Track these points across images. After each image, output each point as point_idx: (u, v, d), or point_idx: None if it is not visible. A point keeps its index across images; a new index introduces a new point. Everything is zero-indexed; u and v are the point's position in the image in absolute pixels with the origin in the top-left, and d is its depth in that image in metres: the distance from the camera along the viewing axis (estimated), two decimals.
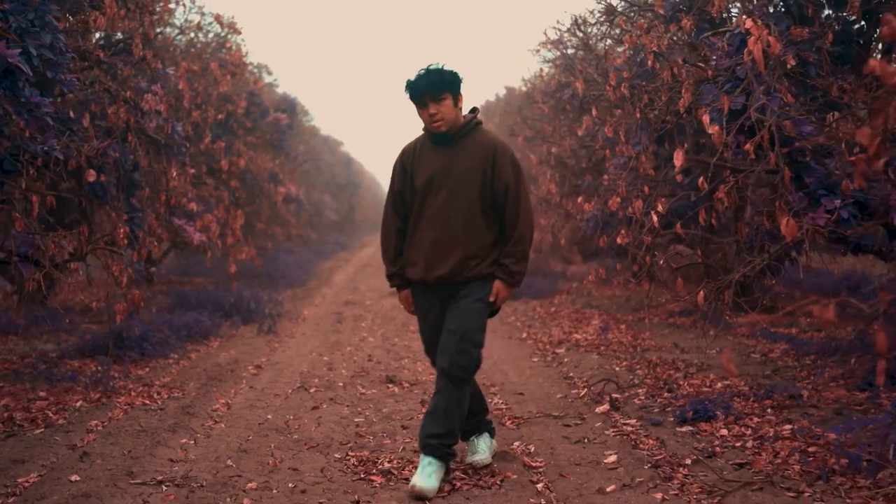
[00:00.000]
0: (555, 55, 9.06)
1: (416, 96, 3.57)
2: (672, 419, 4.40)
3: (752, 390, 4.83)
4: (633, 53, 6.01)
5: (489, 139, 3.67)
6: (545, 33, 9.94)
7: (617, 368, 5.80)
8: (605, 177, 6.94)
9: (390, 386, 5.56)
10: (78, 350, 6.15)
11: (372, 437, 4.32)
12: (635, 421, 4.44)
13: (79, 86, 5.05)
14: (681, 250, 8.36)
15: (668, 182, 6.05)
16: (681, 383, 5.23)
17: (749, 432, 4.06)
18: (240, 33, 9.59)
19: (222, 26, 9.36)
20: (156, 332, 6.50)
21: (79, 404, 4.77)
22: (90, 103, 5.81)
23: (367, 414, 4.82)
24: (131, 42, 5.99)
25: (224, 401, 5.06)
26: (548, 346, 6.99)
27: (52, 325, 6.66)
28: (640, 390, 5.09)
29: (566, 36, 8.29)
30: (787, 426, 4.08)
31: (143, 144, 6.11)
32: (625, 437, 4.18)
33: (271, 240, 13.85)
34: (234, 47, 9.76)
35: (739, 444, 3.90)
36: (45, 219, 5.45)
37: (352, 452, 4.03)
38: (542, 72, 10.88)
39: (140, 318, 6.81)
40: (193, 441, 4.19)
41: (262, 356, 6.64)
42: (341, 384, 5.63)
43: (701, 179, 4.94)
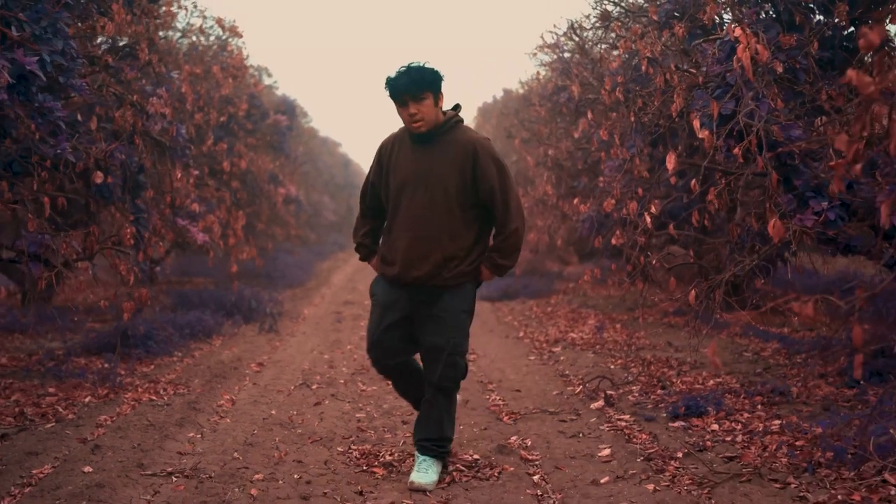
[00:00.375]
0: (551, 59, 9.15)
1: (396, 95, 3.45)
2: (665, 415, 4.51)
3: (744, 387, 4.95)
4: (627, 58, 6.14)
5: (469, 137, 3.53)
6: (542, 37, 10.01)
7: (612, 366, 5.92)
8: (601, 179, 7.03)
9: (390, 383, 5.67)
10: (84, 348, 6.26)
11: (373, 432, 4.45)
12: (629, 416, 4.55)
13: (89, 90, 5.17)
14: (674, 251, 8.47)
15: (662, 184, 6.18)
16: (674, 380, 5.35)
17: (739, 427, 4.18)
18: (241, 36, 9.68)
19: (224, 30, 9.45)
20: (160, 331, 6.62)
21: (87, 400, 4.89)
22: (95, 106, 5.93)
23: (368, 409, 4.94)
24: (137, 46, 6.11)
25: (228, 397, 5.18)
26: (544, 344, 7.11)
27: (60, 324, 6.76)
28: (634, 387, 5.21)
29: (563, 40, 8.40)
30: (775, 421, 4.19)
31: (148, 147, 6.22)
32: (619, 431, 4.30)
33: (271, 240, 13.94)
34: (236, 50, 9.85)
35: (729, 438, 4.02)
36: (52, 219, 5.57)
37: (354, 446, 4.15)
38: (538, 75, 10.99)
39: (144, 317, 6.93)
40: (200, 435, 4.31)
41: (264, 354, 6.76)
42: (342, 381, 5.75)
43: (693, 182, 5.06)
